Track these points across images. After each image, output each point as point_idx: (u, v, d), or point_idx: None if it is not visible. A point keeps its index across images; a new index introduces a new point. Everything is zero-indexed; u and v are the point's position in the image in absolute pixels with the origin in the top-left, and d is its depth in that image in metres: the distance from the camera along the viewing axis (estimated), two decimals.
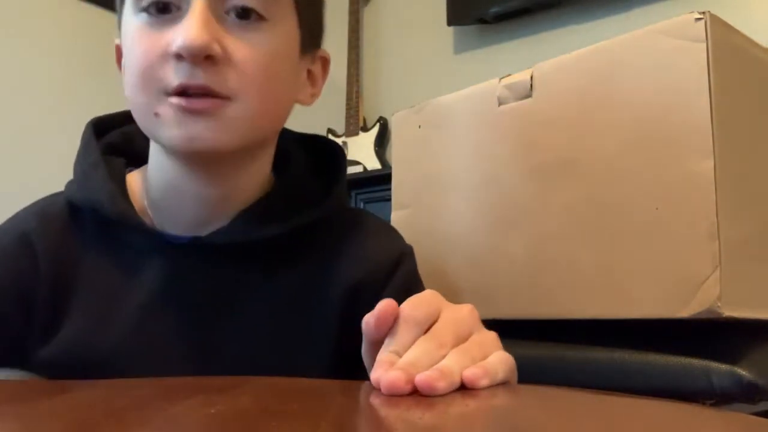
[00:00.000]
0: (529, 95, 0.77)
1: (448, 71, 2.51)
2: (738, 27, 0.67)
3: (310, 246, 0.66)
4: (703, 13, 0.63)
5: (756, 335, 0.67)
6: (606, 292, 0.68)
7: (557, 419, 0.34)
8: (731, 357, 0.61)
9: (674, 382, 0.63)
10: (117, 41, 0.64)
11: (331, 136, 2.67)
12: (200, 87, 0.55)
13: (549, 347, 0.73)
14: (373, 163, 2.52)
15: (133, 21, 0.58)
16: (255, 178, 0.65)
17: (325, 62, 0.69)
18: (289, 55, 0.62)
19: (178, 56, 0.55)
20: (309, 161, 0.72)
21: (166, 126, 0.56)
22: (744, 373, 0.60)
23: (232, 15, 0.57)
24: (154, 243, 0.62)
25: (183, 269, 0.62)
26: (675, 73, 0.64)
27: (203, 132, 0.56)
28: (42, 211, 0.66)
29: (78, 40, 2.29)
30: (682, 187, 0.63)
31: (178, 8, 0.56)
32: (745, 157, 0.66)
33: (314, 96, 0.68)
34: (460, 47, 2.51)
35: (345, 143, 2.62)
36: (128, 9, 0.59)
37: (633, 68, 0.68)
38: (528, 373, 0.71)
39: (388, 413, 0.34)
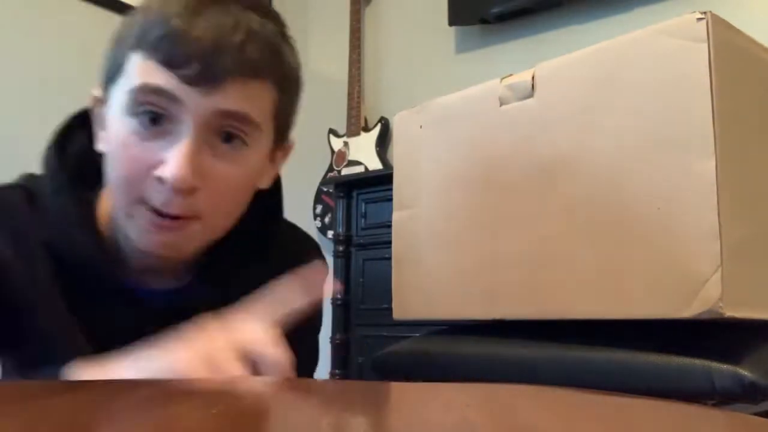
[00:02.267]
0: (530, 95, 0.77)
1: (449, 71, 2.51)
2: (739, 27, 0.67)
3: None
4: (705, 13, 0.63)
5: (758, 335, 0.67)
6: (607, 292, 0.68)
7: (557, 419, 0.34)
8: (733, 357, 0.61)
9: (675, 382, 0.63)
10: (96, 93, 0.64)
11: (332, 137, 2.67)
12: (174, 215, 0.58)
13: (549, 347, 0.73)
14: (374, 164, 2.52)
15: (123, 122, 0.59)
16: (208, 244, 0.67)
17: (289, 148, 0.70)
18: (261, 165, 0.64)
19: (163, 180, 0.57)
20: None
21: (136, 230, 0.60)
22: (745, 373, 0.60)
23: (219, 143, 0.59)
24: (127, 295, 0.64)
25: (148, 317, 0.62)
26: (676, 73, 0.64)
27: (168, 244, 0.60)
28: (15, 234, 0.63)
29: (76, 39, 2.29)
30: (684, 187, 0.63)
31: (170, 121, 0.57)
32: (747, 157, 0.66)
33: (272, 178, 0.69)
34: (461, 47, 2.51)
35: (346, 143, 2.62)
36: (120, 106, 0.59)
37: (634, 68, 0.68)
38: (528, 374, 0.71)
39: (389, 413, 0.34)
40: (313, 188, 2.74)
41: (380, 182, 2.20)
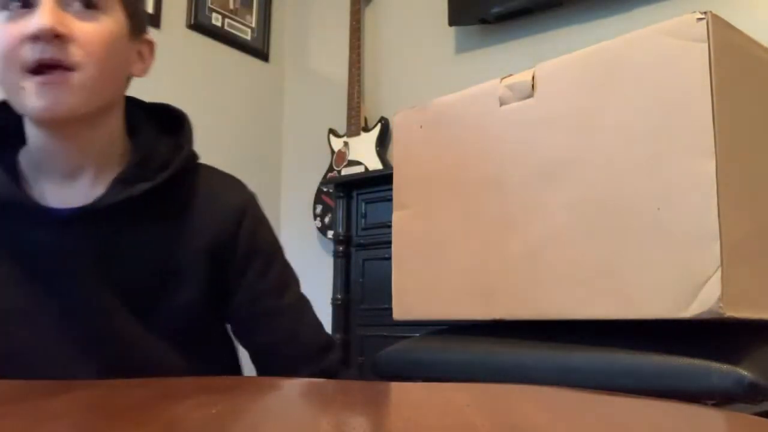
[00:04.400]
0: (530, 95, 0.77)
1: (449, 71, 2.51)
2: (739, 27, 0.67)
3: (171, 201, 0.79)
4: (705, 13, 0.63)
5: (758, 335, 0.67)
6: (607, 292, 0.68)
7: (557, 419, 0.34)
8: (733, 357, 0.61)
9: (675, 382, 0.63)
10: None
11: (332, 137, 2.67)
12: (52, 60, 0.68)
13: (548, 347, 0.73)
14: (374, 164, 2.52)
15: (1, 18, 0.71)
16: (107, 136, 0.78)
17: (151, 45, 0.82)
18: (119, 36, 0.76)
19: (34, 38, 0.67)
20: (158, 127, 0.84)
21: (28, 98, 0.69)
22: (745, 373, 0.60)
23: (75, 5, 0.71)
24: (41, 217, 0.74)
25: (66, 238, 0.74)
26: (676, 73, 0.64)
27: (58, 100, 0.69)
28: None
29: None
30: (684, 188, 0.63)
31: (34, 5, 0.69)
32: (747, 157, 0.66)
33: (144, 70, 0.82)
34: (461, 47, 2.51)
35: (347, 143, 2.62)
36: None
37: (634, 68, 0.68)
38: (527, 373, 0.71)
39: (388, 413, 0.34)
40: (313, 188, 2.73)
41: (380, 182, 2.20)
